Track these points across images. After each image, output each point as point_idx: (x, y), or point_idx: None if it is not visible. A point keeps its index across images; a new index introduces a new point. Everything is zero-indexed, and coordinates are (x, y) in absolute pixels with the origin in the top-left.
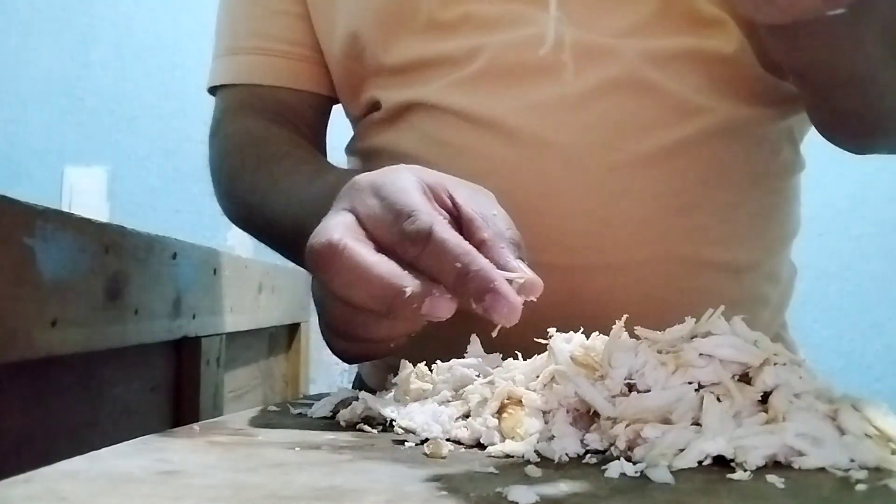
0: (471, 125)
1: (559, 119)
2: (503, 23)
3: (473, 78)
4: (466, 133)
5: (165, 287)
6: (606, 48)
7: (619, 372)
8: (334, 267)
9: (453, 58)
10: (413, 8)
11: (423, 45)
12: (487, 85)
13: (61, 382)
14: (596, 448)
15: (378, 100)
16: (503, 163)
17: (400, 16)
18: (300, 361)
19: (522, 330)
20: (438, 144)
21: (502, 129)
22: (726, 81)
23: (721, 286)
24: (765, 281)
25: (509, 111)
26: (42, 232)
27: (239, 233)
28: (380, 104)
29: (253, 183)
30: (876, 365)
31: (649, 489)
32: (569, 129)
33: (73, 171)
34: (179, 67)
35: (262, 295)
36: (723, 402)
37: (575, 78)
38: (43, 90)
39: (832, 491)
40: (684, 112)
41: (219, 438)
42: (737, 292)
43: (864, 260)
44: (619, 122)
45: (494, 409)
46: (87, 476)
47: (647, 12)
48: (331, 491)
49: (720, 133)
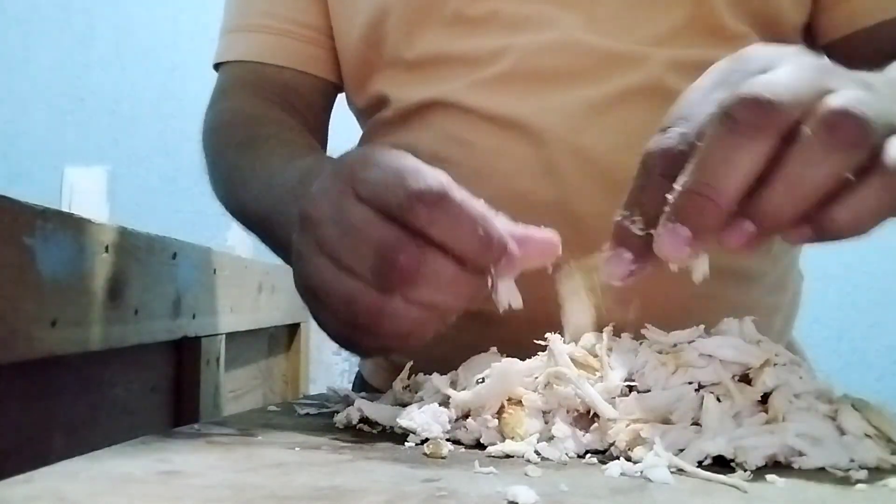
0: (493, 125)
1: (583, 123)
2: (531, 23)
3: (498, 78)
4: (488, 133)
5: (165, 287)
6: (633, 56)
7: (619, 372)
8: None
9: (477, 57)
10: (440, 1)
11: (446, 40)
12: (512, 86)
13: (61, 382)
14: (596, 448)
15: (386, 95)
16: (525, 164)
17: (427, 6)
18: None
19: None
20: (459, 143)
21: (525, 131)
22: None
23: (732, 293)
24: (773, 289)
25: (533, 113)
26: (42, 232)
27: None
28: (387, 99)
29: (234, 162)
30: (876, 365)
31: (649, 489)
32: (592, 134)
33: (73, 171)
34: (179, 67)
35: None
36: (723, 402)
37: (600, 83)
38: (43, 90)
39: (832, 491)
40: None
41: (219, 438)
42: (746, 300)
43: (864, 260)
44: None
45: (494, 410)
46: (87, 476)
47: (674, 24)
48: (331, 491)
49: None
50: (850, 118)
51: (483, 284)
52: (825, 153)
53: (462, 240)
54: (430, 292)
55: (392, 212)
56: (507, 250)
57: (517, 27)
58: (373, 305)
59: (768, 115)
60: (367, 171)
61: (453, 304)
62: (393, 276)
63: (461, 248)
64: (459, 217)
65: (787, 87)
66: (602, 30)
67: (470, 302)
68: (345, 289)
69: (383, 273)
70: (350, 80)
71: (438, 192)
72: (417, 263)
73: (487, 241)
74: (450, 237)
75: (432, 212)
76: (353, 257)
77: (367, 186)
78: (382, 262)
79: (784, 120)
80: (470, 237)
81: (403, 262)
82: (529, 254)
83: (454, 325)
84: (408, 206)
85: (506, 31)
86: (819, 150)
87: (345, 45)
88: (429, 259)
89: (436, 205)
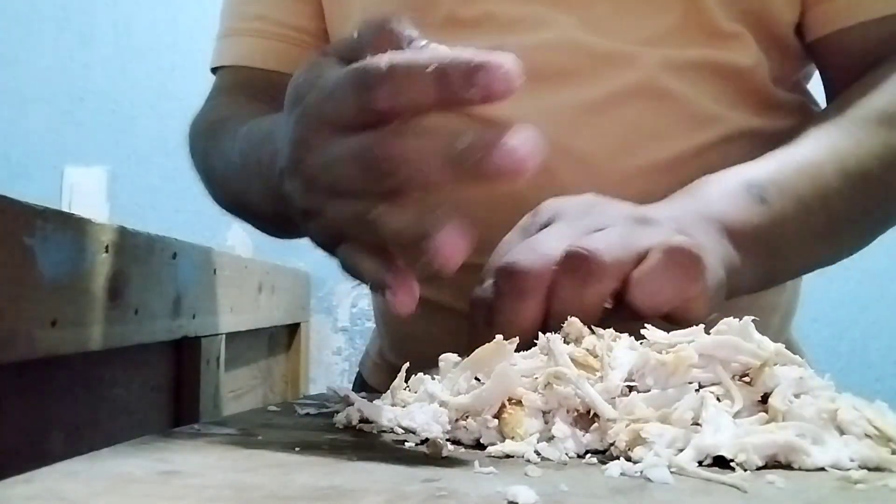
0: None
1: (576, 124)
2: (524, 24)
3: None
4: None
5: (165, 287)
6: (626, 55)
7: (619, 372)
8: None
9: None
10: (434, 2)
11: (440, 41)
12: None
13: (61, 382)
14: (596, 448)
15: None
16: None
17: (419, 9)
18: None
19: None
20: None
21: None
22: (741, 92)
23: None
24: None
25: (526, 114)
26: (42, 232)
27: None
28: None
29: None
30: (876, 365)
31: (649, 489)
32: (585, 135)
33: (73, 171)
34: (179, 67)
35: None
36: (723, 402)
37: (593, 83)
38: (43, 90)
39: (832, 491)
40: (700, 120)
41: (219, 438)
42: (745, 299)
43: (864, 260)
44: (636, 129)
45: (495, 410)
46: (87, 476)
47: (667, 24)
48: (331, 491)
49: (734, 142)
50: (583, 260)
51: (465, 134)
52: (570, 291)
53: (423, 88)
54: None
55: (359, 119)
56: (472, 66)
57: (511, 28)
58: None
59: (519, 281)
60: (321, 103)
61: (441, 168)
62: (378, 173)
63: (426, 98)
64: (410, 71)
65: (533, 260)
66: (595, 29)
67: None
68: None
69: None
70: None
71: (379, 71)
72: (393, 147)
73: (441, 71)
74: (414, 92)
75: (385, 89)
76: (346, 181)
77: (327, 115)
78: (365, 169)
79: (533, 285)
80: (427, 78)
81: (379, 152)
82: (491, 80)
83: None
84: (367, 101)
85: (499, 31)
86: (565, 289)
87: None
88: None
89: (384, 81)
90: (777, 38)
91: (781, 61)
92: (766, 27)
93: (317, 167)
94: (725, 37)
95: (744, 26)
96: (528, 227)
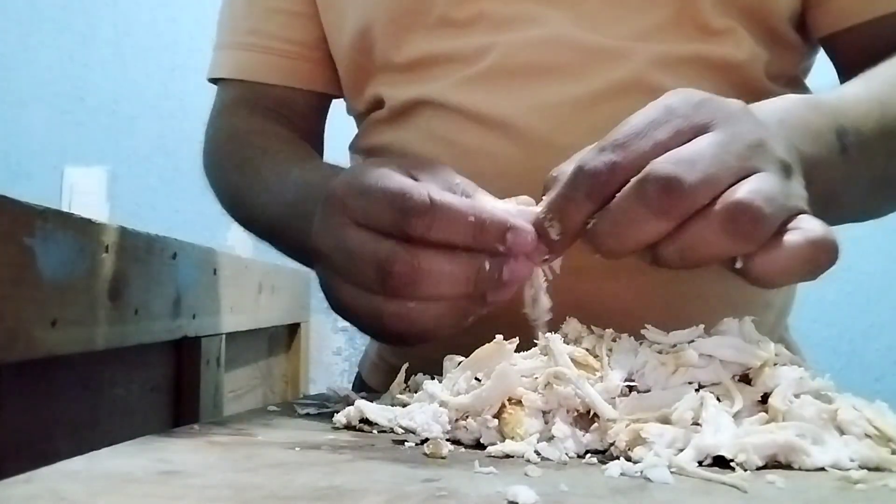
0: (477, 124)
1: (567, 120)
2: (516, 22)
3: (482, 76)
4: (473, 132)
5: (165, 287)
6: (617, 51)
7: (619, 372)
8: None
9: (463, 55)
10: (427, 5)
11: (433, 42)
12: (496, 83)
13: (61, 382)
14: (596, 448)
15: (382, 97)
16: (509, 163)
17: (412, 12)
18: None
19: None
20: (444, 143)
21: (509, 130)
22: (734, 88)
23: (725, 290)
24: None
25: (517, 111)
26: (42, 232)
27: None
28: (383, 101)
29: (236, 183)
30: (876, 365)
31: (649, 489)
32: (577, 131)
33: (73, 171)
34: (179, 67)
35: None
36: (723, 402)
37: (584, 79)
38: (43, 90)
39: (832, 491)
40: None
41: (219, 438)
42: (740, 296)
43: (864, 260)
44: None
45: (495, 410)
46: (87, 476)
47: (658, 19)
48: (331, 491)
49: None
50: (747, 213)
51: (482, 268)
52: (718, 238)
53: (458, 233)
54: (433, 286)
55: (388, 230)
56: (506, 226)
57: (504, 26)
58: (391, 313)
59: (677, 200)
60: (357, 200)
61: (456, 290)
62: (394, 284)
63: (459, 241)
64: (450, 214)
65: (704, 170)
66: (587, 25)
67: (477, 290)
68: (365, 305)
69: (386, 283)
70: (348, 86)
71: (423, 204)
72: (412, 267)
73: (480, 224)
74: (449, 235)
75: (423, 221)
76: (362, 277)
77: (360, 213)
78: (382, 274)
79: (689, 206)
80: (465, 228)
81: (399, 269)
82: (517, 242)
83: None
84: (402, 223)
85: (492, 29)
86: (714, 234)
87: (338, 53)
88: (422, 259)
89: (426, 214)
90: (773, 33)
91: (779, 56)
92: (761, 22)
93: (340, 258)
94: (718, 32)
95: (737, 21)
96: (672, 116)
